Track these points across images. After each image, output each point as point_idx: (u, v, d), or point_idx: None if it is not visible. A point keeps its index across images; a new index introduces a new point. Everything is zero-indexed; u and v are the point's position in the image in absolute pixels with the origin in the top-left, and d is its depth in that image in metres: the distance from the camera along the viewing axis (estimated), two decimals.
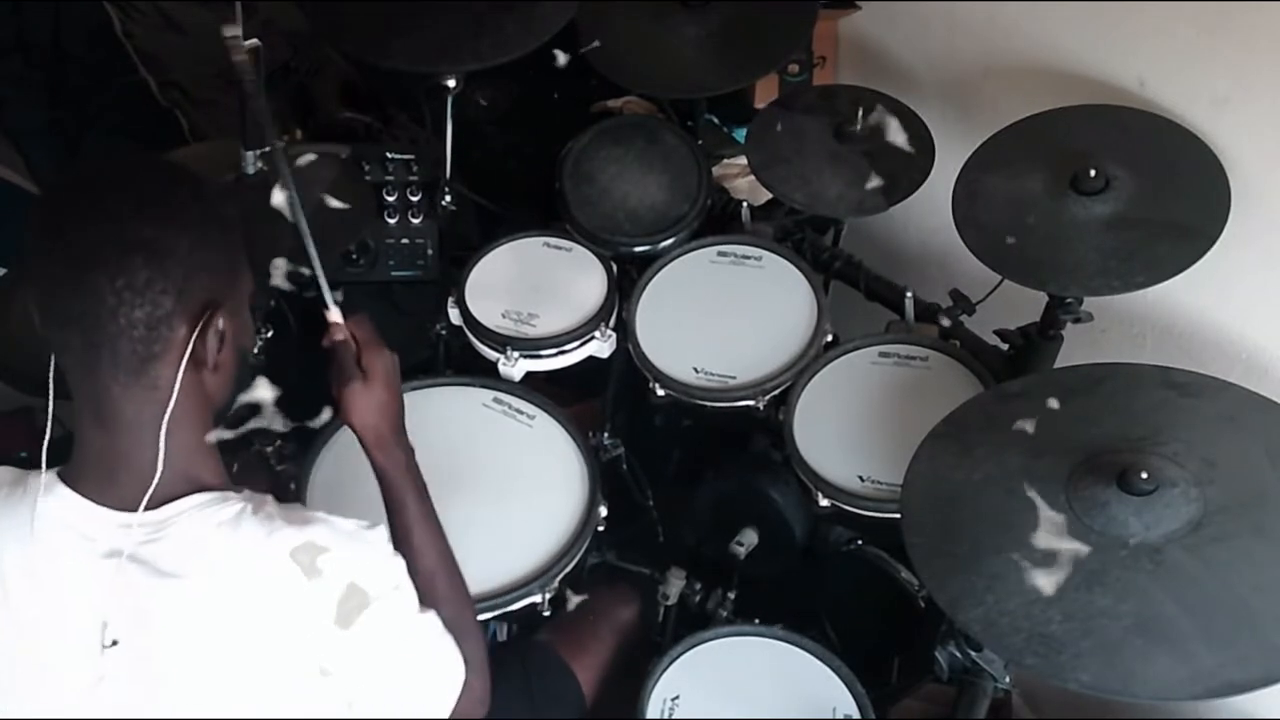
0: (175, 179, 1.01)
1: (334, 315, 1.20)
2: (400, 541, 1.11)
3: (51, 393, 1.01)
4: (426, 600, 1.06)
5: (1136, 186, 1.46)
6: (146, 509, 0.96)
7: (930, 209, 1.72)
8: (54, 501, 0.98)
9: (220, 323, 0.99)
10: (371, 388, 1.17)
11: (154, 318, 0.94)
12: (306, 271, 1.23)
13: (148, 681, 0.96)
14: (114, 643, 0.95)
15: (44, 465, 1.00)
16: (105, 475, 0.98)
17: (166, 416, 0.97)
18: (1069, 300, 1.51)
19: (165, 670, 0.96)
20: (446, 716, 1.05)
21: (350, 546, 0.99)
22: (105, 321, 0.93)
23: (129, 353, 0.95)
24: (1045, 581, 1.08)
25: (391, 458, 1.17)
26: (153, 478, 0.96)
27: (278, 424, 1.13)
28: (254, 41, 1.30)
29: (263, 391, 1.12)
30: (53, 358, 1.01)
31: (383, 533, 1.04)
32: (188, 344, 0.97)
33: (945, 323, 1.69)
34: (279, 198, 1.19)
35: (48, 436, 1.01)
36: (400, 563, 1.03)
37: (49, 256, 0.95)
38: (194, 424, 1.01)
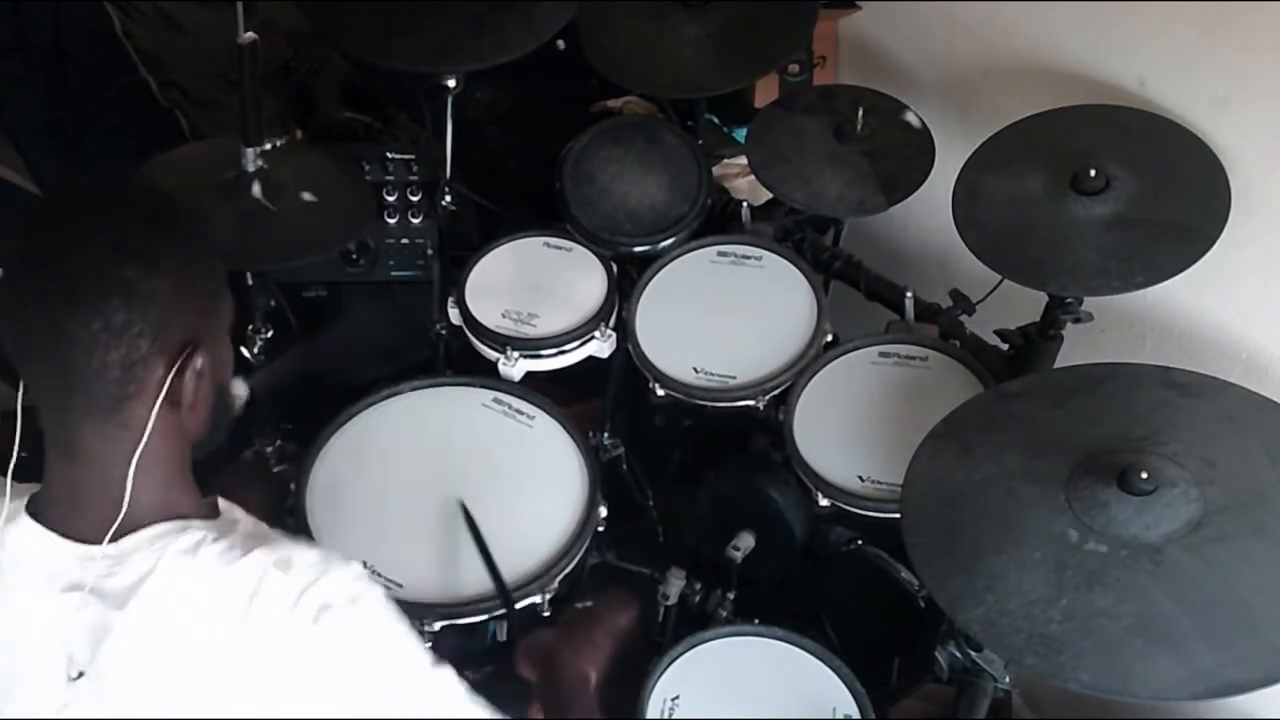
0: (157, 214, 0.98)
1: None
2: None
3: (20, 419, 0.98)
4: None
5: (1136, 186, 1.46)
6: (113, 539, 0.94)
7: (930, 209, 1.72)
8: (18, 534, 0.96)
9: (199, 362, 0.96)
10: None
11: (130, 360, 0.92)
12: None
13: (113, 710, 0.94)
14: (79, 674, 0.93)
15: (7, 497, 0.97)
16: (72, 509, 0.96)
17: (136, 455, 0.94)
18: (1069, 300, 1.51)
19: (128, 700, 0.94)
20: None
21: (313, 569, 0.95)
22: (79, 363, 0.91)
23: (102, 394, 0.92)
24: (1045, 581, 1.08)
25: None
26: (119, 513, 0.94)
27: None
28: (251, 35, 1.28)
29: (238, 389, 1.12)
30: (20, 385, 0.97)
31: (354, 565, 0.99)
32: (164, 384, 0.94)
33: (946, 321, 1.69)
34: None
35: (12, 463, 0.98)
36: (371, 586, 0.98)
37: (22, 292, 0.92)
38: (168, 460, 0.98)
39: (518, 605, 1.41)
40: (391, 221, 1.96)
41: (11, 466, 0.98)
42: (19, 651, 0.96)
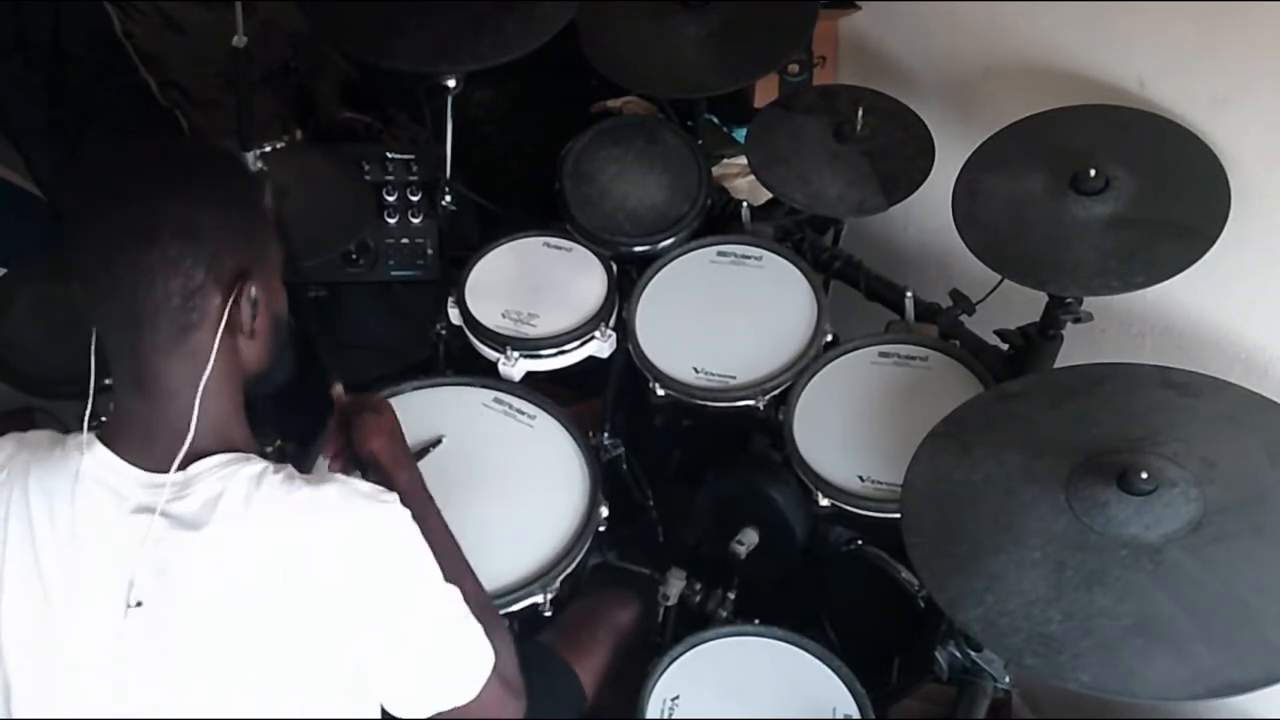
0: (201, 156, 1.08)
1: (338, 389, 1.36)
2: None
3: (93, 377, 1.04)
4: None
5: (1136, 186, 1.46)
6: (179, 468, 1.00)
7: (930, 209, 1.72)
8: (93, 460, 1.01)
9: (253, 291, 1.03)
10: (383, 417, 1.28)
11: (188, 289, 0.98)
12: None
13: (164, 640, 0.98)
14: (139, 604, 0.98)
15: (85, 427, 1.03)
16: (141, 438, 1.01)
17: (203, 382, 1.00)
18: (1069, 300, 1.51)
19: (181, 628, 0.98)
20: (478, 690, 1.07)
21: (364, 507, 1.02)
22: (142, 296, 0.97)
23: (167, 324, 0.99)
24: (1045, 581, 1.08)
25: (409, 476, 1.25)
26: (185, 440, 1.00)
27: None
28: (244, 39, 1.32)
29: None
30: (93, 338, 1.04)
31: (396, 500, 1.05)
32: (223, 312, 1.01)
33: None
34: None
35: (89, 409, 1.04)
36: (418, 530, 1.05)
37: (86, 235, 0.99)
38: (228, 390, 1.05)
39: (519, 605, 1.41)
40: (391, 221, 1.96)
41: (89, 407, 1.03)
42: (85, 576, 1.00)
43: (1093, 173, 1.45)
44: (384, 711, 1.08)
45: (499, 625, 1.19)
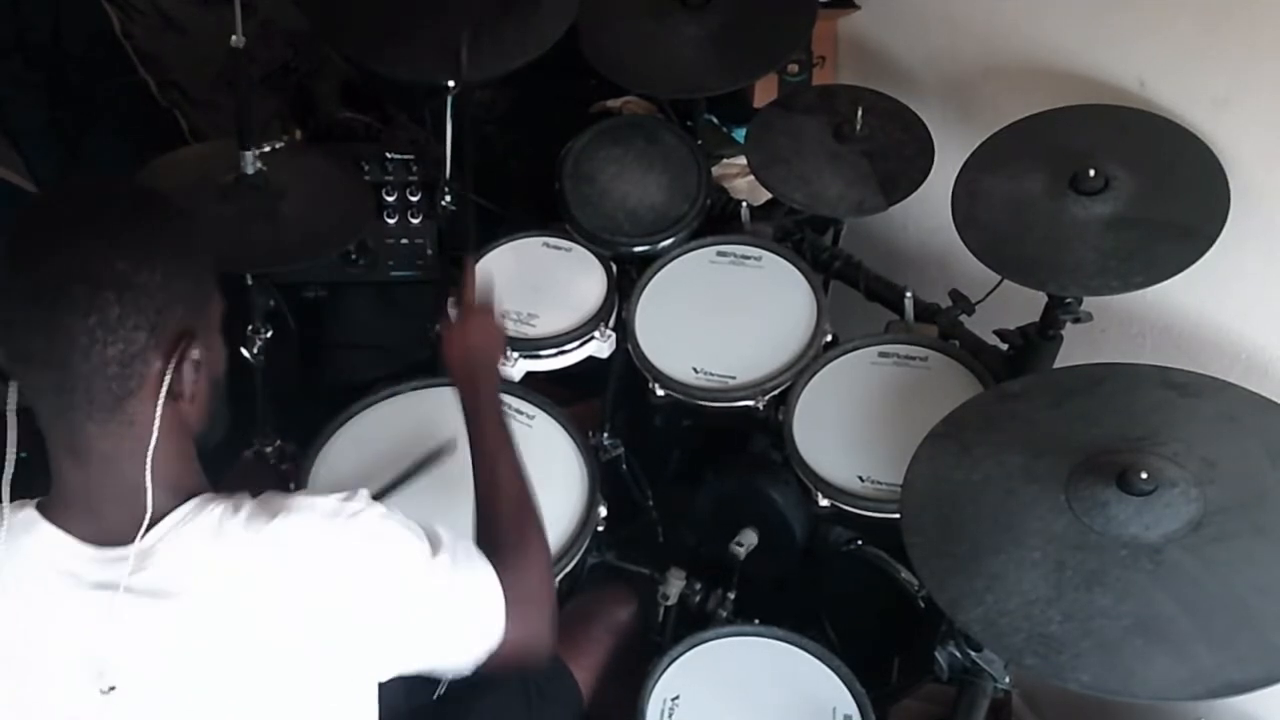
0: (144, 207, 0.97)
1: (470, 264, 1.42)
2: (480, 470, 1.22)
3: (13, 423, 0.98)
4: (494, 528, 1.16)
5: (1136, 186, 1.46)
6: (133, 536, 0.93)
7: (930, 209, 1.72)
8: (38, 539, 0.95)
9: (195, 353, 0.96)
10: (496, 322, 1.34)
11: (128, 354, 0.91)
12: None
13: (152, 716, 0.94)
14: (111, 689, 0.92)
15: (5, 499, 0.95)
16: (85, 510, 0.95)
17: (150, 453, 0.93)
18: (1068, 300, 1.51)
19: (163, 705, 0.94)
20: (488, 648, 1.07)
21: (330, 530, 0.98)
22: (77, 362, 0.90)
23: (103, 391, 0.91)
24: (1045, 581, 1.08)
25: (474, 392, 1.29)
26: (142, 512, 0.93)
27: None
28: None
29: None
30: (12, 391, 0.96)
31: (363, 498, 1.01)
32: (163, 378, 0.94)
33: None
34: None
35: (9, 469, 0.95)
36: (389, 524, 1.01)
37: (14, 295, 0.91)
38: (176, 454, 0.98)
39: None
40: (391, 221, 1.96)
41: (8, 472, 0.96)
42: (43, 665, 0.94)
43: (1093, 173, 1.45)
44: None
45: (536, 565, 1.15)
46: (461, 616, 1.06)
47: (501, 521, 1.18)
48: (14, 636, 0.94)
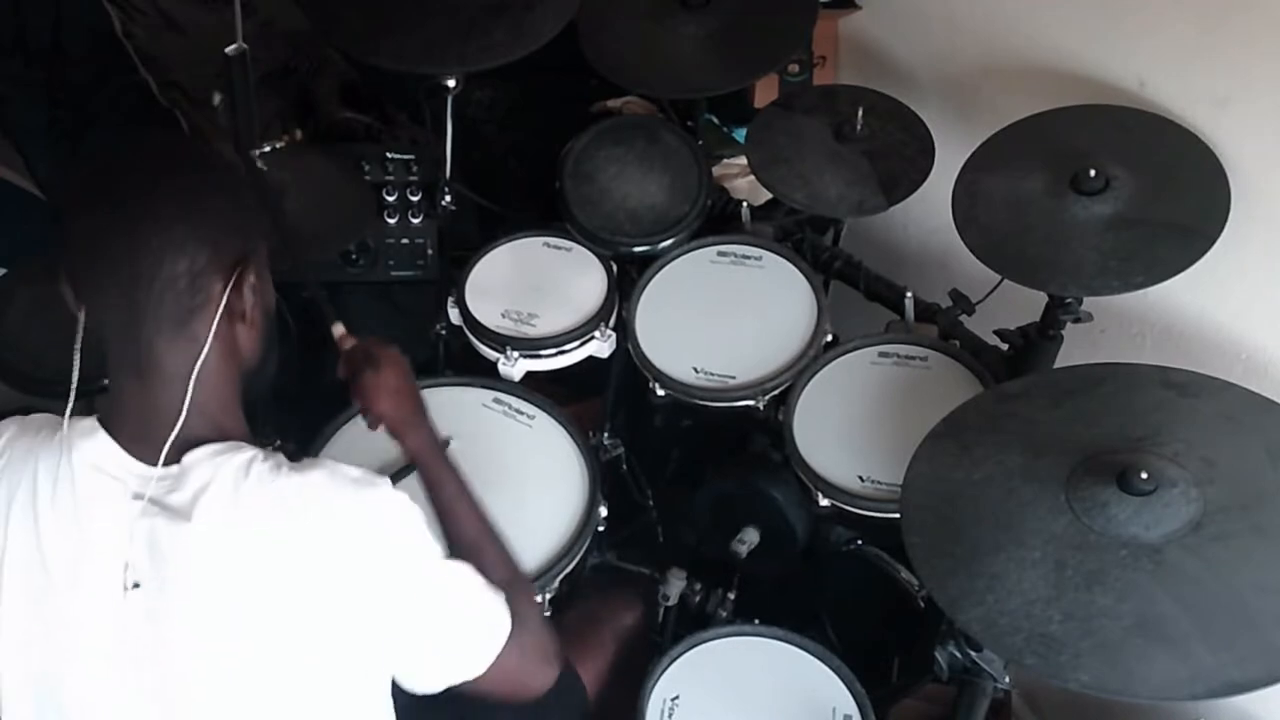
0: (199, 146, 1.14)
1: (339, 329, 1.33)
2: (443, 518, 1.18)
3: (76, 372, 1.03)
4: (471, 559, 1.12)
5: (1136, 186, 1.46)
6: (170, 455, 0.99)
7: (930, 209, 1.72)
8: (94, 447, 1.01)
9: (252, 277, 1.03)
10: (383, 375, 1.25)
11: (193, 271, 0.98)
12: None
13: (161, 622, 0.99)
14: (135, 585, 0.98)
15: (66, 418, 1.02)
16: (139, 425, 1.01)
17: (198, 365, 1.00)
18: (1069, 300, 1.51)
19: (177, 613, 0.98)
20: (489, 663, 1.07)
21: (350, 494, 1.01)
22: (147, 277, 0.97)
23: (173, 306, 0.98)
24: (1045, 581, 1.08)
25: (419, 438, 1.24)
26: (187, 434, 0.99)
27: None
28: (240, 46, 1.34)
29: None
30: (79, 332, 1.02)
31: (386, 484, 1.04)
32: (223, 297, 1.01)
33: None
34: None
35: (71, 395, 1.02)
36: (411, 509, 1.04)
37: (90, 220, 0.99)
38: (225, 378, 1.04)
39: None
40: (391, 221, 1.96)
41: (71, 399, 1.02)
42: (86, 559, 1.00)
43: (1093, 173, 1.45)
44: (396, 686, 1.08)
45: (524, 591, 1.18)
46: (450, 632, 1.06)
47: (484, 560, 1.15)
48: (64, 529, 1.00)
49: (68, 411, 1.02)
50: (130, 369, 1.01)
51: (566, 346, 1.71)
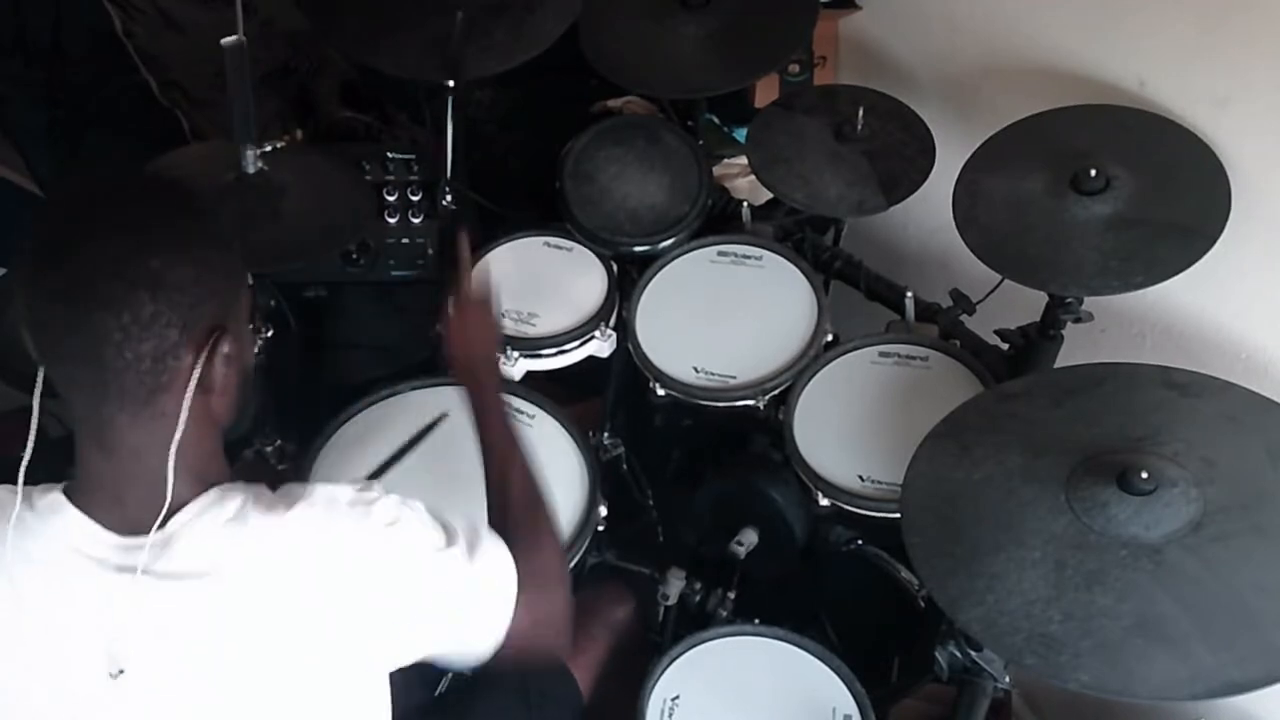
0: (172, 202, 0.98)
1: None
2: (489, 469, 1.24)
3: (36, 407, 0.98)
4: (506, 519, 1.17)
5: (1136, 186, 1.46)
6: (158, 524, 0.94)
7: (930, 209, 1.72)
8: (61, 523, 0.95)
9: (226, 347, 0.97)
10: (462, 320, 1.33)
11: (161, 350, 0.92)
12: None
13: (153, 705, 0.95)
14: (120, 671, 0.93)
15: (20, 482, 0.97)
16: (110, 499, 0.96)
17: (174, 444, 0.94)
18: (1069, 300, 1.51)
19: (174, 688, 0.95)
20: (499, 638, 1.08)
21: (349, 520, 0.99)
22: (111, 358, 0.91)
23: (135, 386, 0.92)
24: (1045, 581, 1.08)
25: (477, 389, 1.30)
26: (163, 502, 0.94)
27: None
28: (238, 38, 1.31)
29: None
30: (39, 372, 0.97)
31: (379, 488, 1.03)
32: (193, 371, 0.95)
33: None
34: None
35: (26, 456, 0.97)
36: (408, 512, 1.03)
37: (46, 293, 0.92)
38: (201, 447, 0.99)
39: None
40: (391, 221, 1.95)
41: (25, 463, 0.97)
42: (58, 646, 0.95)
43: (1093, 173, 1.45)
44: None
45: (549, 551, 1.19)
46: (477, 603, 1.07)
47: (513, 513, 1.20)
48: (33, 616, 0.95)
49: (20, 481, 0.96)
50: (94, 443, 0.95)
51: (566, 346, 1.71)
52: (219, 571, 0.94)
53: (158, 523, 0.93)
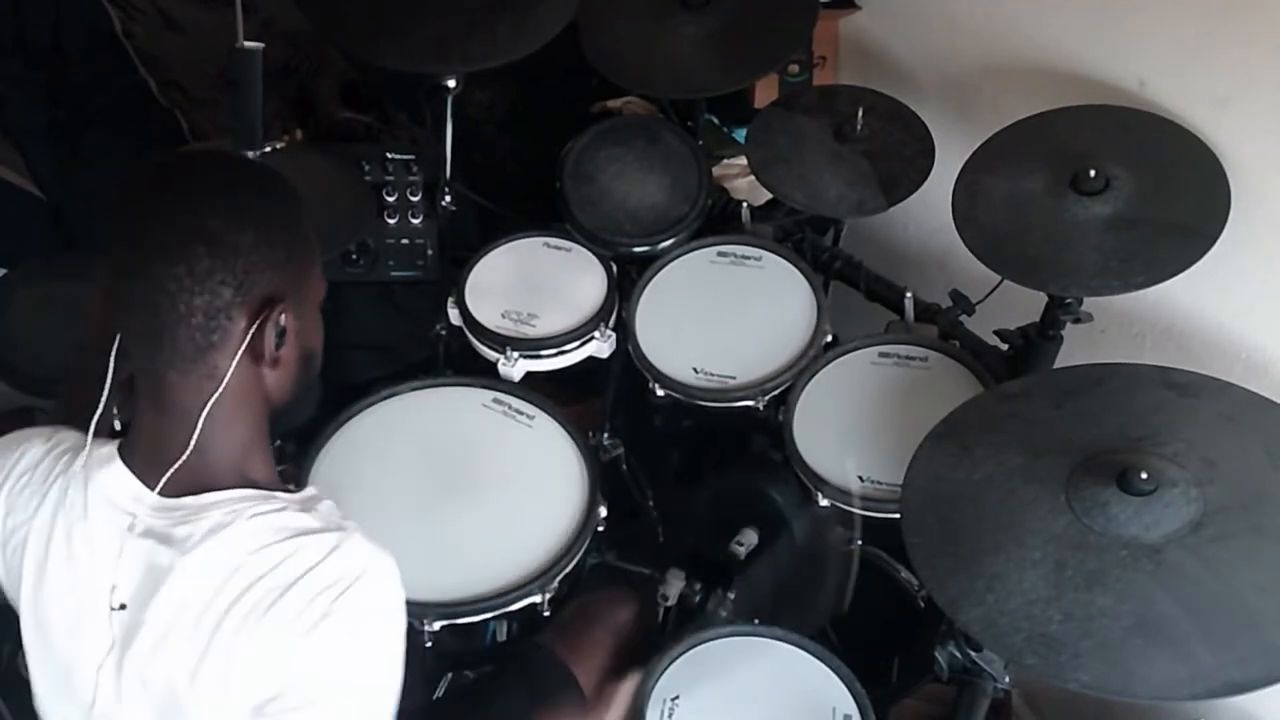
0: (246, 178, 1.04)
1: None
2: None
3: (109, 382, 1.03)
4: None
5: (1136, 186, 1.46)
6: (190, 493, 0.99)
7: (930, 209, 1.72)
8: (106, 477, 1.01)
9: (282, 319, 1.01)
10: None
11: (213, 307, 0.96)
12: None
13: (129, 649, 0.98)
14: (122, 606, 0.98)
15: (90, 434, 1.02)
16: (155, 458, 1.00)
17: (211, 401, 0.98)
18: (1069, 300, 1.51)
19: (165, 646, 0.98)
20: None
21: (349, 576, 0.98)
22: (165, 308, 0.96)
23: (187, 339, 0.97)
24: (1045, 581, 1.08)
25: None
26: (203, 473, 0.99)
27: None
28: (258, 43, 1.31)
29: None
30: (113, 351, 1.02)
31: (386, 581, 1.01)
32: (246, 335, 0.99)
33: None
34: None
35: (98, 413, 1.02)
36: (390, 609, 1.01)
37: (118, 242, 0.98)
38: (248, 417, 1.03)
39: (517, 606, 1.41)
40: (391, 221, 1.95)
41: (97, 416, 1.02)
42: (89, 590, 1.00)
43: (1093, 173, 1.45)
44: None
45: None
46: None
47: None
48: (70, 558, 1.01)
49: (94, 423, 1.02)
50: (148, 396, 1.01)
51: (566, 347, 1.71)
52: (218, 554, 0.96)
53: (170, 471, 0.98)
